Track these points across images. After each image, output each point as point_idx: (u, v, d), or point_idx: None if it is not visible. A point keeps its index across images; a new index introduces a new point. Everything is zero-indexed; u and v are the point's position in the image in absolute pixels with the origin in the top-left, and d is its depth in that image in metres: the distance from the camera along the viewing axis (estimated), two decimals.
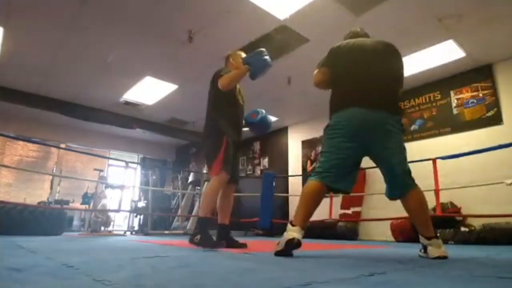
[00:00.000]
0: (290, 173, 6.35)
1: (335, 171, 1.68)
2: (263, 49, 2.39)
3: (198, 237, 2.14)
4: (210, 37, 3.74)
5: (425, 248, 1.68)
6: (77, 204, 5.94)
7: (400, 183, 1.70)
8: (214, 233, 2.32)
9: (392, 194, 1.76)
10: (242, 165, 7.55)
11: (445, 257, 1.58)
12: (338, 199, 5.08)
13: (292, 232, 1.58)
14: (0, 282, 0.79)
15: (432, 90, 4.67)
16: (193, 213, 6.29)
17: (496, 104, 4.04)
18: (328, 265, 1.27)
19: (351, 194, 4.92)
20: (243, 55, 2.57)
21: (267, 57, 2.35)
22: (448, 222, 3.66)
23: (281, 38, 3.73)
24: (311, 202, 1.67)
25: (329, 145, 1.75)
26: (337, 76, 1.85)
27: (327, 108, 1.88)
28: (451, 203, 3.85)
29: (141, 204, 7.10)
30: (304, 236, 1.64)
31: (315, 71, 1.93)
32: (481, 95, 4.19)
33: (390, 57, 1.89)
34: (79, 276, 0.92)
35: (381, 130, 1.69)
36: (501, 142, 3.42)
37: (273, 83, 4.83)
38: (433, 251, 1.61)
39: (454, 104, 4.43)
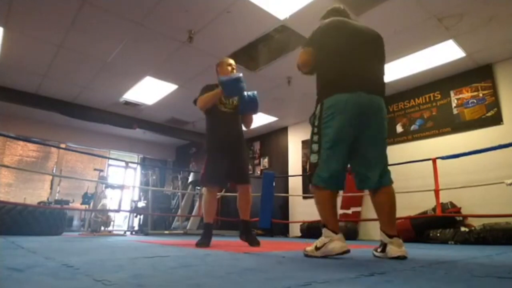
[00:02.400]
0: (290, 173, 6.35)
1: (339, 174, 1.63)
2: (240, 77, 2.48)
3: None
4: (210, 37, 3.75)
5: (384, 246, 1.60)
6: (77, 204, 5.94)
7: (383, 174, 1.65)
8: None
9: (374, 184, 1.66)
10: None
11: (404, 257, 1.49)
12: (338, 199, 5.06)
13: (342, 243, 1.56)
14: (0, 282, 0.79)
15: (432, 90, 4.67)
16: (193, 213, 6.29)
17: (496, 104, 4.04)
18: (328, 265, 1.27)
19: (351, 194, 4.95)
20: (230, 61, 2.74)
21: (242, 84, 2.46)
22: (448, 222, 3.66)
23: (281, 38, 3.73)
24: (334, 206, 1.68)
25: (328, 137, 1.60)
26: (326, 56, 1.70)
27: None
28: (451, 203, 3.85)
29: (141, 204, 7.11)
30: (305, 236, 1.65)
31: (300, 51, 1.82)
32: (481, 95, 4.19)
33: (381, 44, 1.79)
34: (79, 276, 0.92)
35: (378, 116, 1.63)
36: (501, 142, 3.43)
37: (273, 83, 4.83)
38: (393, 250, 1.53)
39: (454, 104, 4.43)
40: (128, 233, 6.31)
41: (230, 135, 2.61)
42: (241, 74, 2.49)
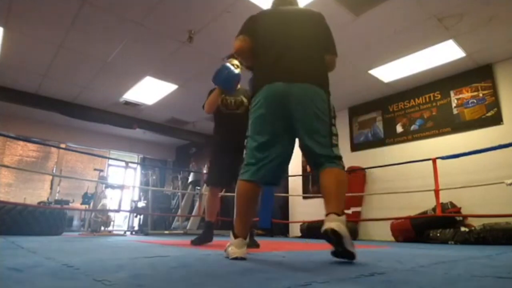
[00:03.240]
0: (290, 173, 6.34)
1: (262, 165, 1.51)
2: (224, 64, 2.47)
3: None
4: (210, 37, 3.75)
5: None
6: (77, 204, 5.94)
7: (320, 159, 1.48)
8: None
9: (318, 165, 1.51)
10: None
11: (332, 231, 1.25)
12: None
13: (235, 249, 1.44)
14: (0, 282, 0.79)
15: (432, 90, 4.68)
16: (193, 213, 6.29)
17: (496, 104, 4.04)
18: (328, 265, 1.27)
19: (351, 194, 4.95)
20: (235, 62, 2.73)
21: (228, 70, 2.41)
22: (448, 222, 3.67)
23: None
24: (250, 205, 1.55)
25: (252, 132, 1.56)
26: (256, 48, 1.65)
27: None
28: (451, 203, 3.85)
29: (141, 204, 7.10)
30: (305, 236, 1.60)
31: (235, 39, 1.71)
32: (481, 95, 4.19)
33: (315, 25, 1.68)
34: (79, 276, 0.92)
35: (305, 105, 1.49)
36: (501, 142, 3.43)
37: None
38: (324, 225, 1.31)
39: (454, 104, 4.43)
40: (128, 233, 6.31)
41: (232, 137, 2.61)
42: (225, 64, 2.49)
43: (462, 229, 3.49)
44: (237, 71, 2.49)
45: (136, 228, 6.88)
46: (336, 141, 1.53)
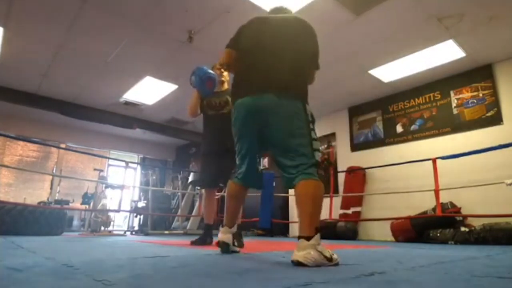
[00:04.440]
0: None
1: (247, 170, 1.65)
2: (198, 67, 2.52)
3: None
4: (210, 37, 3.75)
5: None
6: (77, 204, 5.94)
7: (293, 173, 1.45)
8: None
9: (290, 182, 1.49)
10: None
11: (298, 263, 1.23)
12: (338, 199, 5.08)
13: (220, 234, 1.70)
14: (0, 282, 0.79)
15: (432, 90, 4.67)
16: (193, 213, 6.29)
17: (496, 104, 4.04)
18: (328, 265, 1.27)
19: (351, 194, 4.95)
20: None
21: (200, 72, 2.48)
22: (448, 222, 3.67)
23: None
24: (234, 202, 1.75)
25: (235, 141, 1.68)
26: (238, 59, 1.69)
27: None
28: (451, 203, 3.85)
29: (141, 204, 7.10)
30: None
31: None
32: (481, 95, 4.19)
33: (300, 35, 1.63)
34: (79, 276, 0.92)
35: (274, 113, 1.47)
36: (501, 142, 3.43)
37: None
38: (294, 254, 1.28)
39: (454, 104, 4.43)
40: (128, 233, 6.31)
41: (218, 137, 2.66)
42: (199, 67, 2.54)
43: (462, 229, 3.49)
44: (212, 72, 2.53)
45: (136, 228, 6.88)
46: (317, 146, 1.49)
